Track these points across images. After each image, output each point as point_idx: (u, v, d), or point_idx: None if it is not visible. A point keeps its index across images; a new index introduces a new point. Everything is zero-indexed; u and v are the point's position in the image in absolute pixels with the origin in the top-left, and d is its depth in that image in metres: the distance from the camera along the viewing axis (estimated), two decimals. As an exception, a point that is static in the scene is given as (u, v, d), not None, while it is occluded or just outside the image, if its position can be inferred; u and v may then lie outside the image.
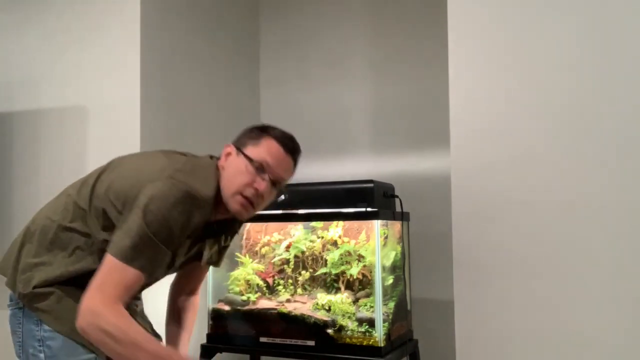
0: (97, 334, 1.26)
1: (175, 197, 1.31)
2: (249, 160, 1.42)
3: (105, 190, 1.39)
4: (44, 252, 1.41)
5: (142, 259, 1.28)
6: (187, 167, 1.42)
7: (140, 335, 1.31)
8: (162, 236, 1.30)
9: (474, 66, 1.77)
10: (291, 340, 2.07)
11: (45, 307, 1.38)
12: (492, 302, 1.70)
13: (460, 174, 1.76)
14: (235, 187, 1.41)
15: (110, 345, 1.27)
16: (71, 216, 1.42)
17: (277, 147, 1.45)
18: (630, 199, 1.57)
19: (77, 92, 2.34)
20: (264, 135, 1.46)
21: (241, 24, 2.88)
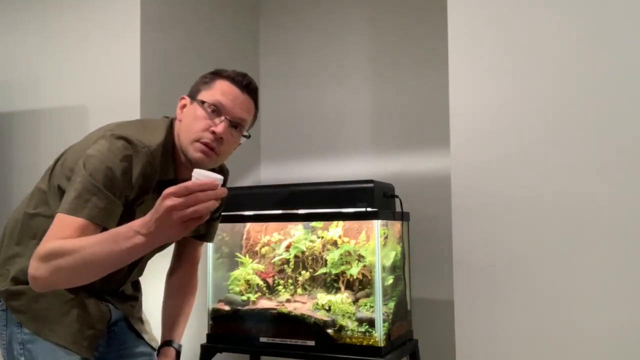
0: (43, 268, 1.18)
1: (112, 146, 1.29)
2: (204, 103, 1.36)
3: (61, 166, 1.40)
4: (17, 245, 1.40)
5: (88, 207, 1.22)
6: (131, 124, 1.41)
7: (85, 238, 1.20)
8: (104, 182, 1.25)
9: (474, 66, 1.77)
10: (291, 340, 2.07)
11: (20, 306, 1.37)
12: (492, 302, 1.70)
13: (460, 174, 1.76)
14: (193, 135, 1.35)
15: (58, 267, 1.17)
16: (35, 202, 1.41)
17: (230, 86, 1.40)
18: (631, 199, 1.57)
19: (77, 92, 2.34)
20: (216, 77, 1.41)
21: (241, 25, 2.88)
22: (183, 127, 1.39)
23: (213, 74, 1.44)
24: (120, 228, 1.17)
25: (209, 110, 1.36)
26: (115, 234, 1.17)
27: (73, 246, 1.17)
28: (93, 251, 1.16)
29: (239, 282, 2.25)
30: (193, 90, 1.43)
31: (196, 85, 1.44)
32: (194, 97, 1.41)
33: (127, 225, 1.16)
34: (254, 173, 2.88)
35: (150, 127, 1.40)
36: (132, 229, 1.14)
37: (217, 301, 2.26)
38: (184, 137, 1.37)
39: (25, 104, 2.42)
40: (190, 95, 1.43)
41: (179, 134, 1.40)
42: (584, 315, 1.60)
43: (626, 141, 1.58)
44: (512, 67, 1.72)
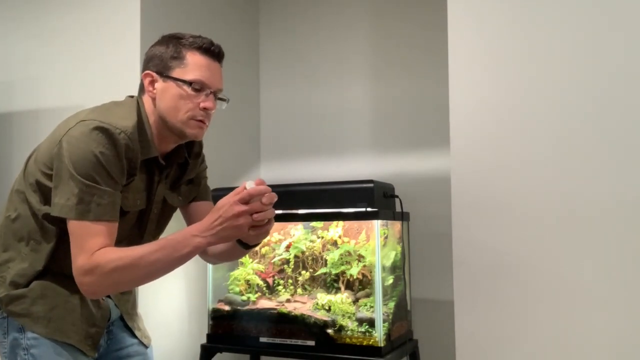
0: (103, 280, 1.26)
1: (89, 136, 1.28)
2: (185, 83, 1.36)
3: (34, 161, 1.38)
4: (5, 251, 1.39)
5: (92, 208, 1.26)
6: (102, 107, 1.39)
7: (141, 246, 1.30)
8: (96, 177, 1.27)
9: (474, 66, 1.77)
10: (291, 340, 2.07)
11: (22, 310, 1.35)
12: (492, 302, 1.70)
13: (460, 174, 1.76)
14: (184, 114, 1.37)
15: (125, 277, 1.27)
16: (15, 205, 1.40)
17: (203, 59, 1.40)
18: (631, 200, 1.57)
19: (77, 92, 2.34)
20: (184, 50, 1.39)
21: (241, 25, 2.88)
22: (166, 108, 1.38)
23: (176, 43, 1.40)
24: (177, 234, 1.28)
25: (193, 88, 1.37)
26: (172, 241, 1.27)
27: (133, 258, 1.26)
28: (154, 260, 1.26)
29: (239, 282, 2.25)
30: (161, 66, 1.39)
31: (161, 59, 1.39)
32: (166, 75, 1.38)
33: (185, 232, 1.28)
34: (254, 173, 2.88)
35: (118, 110, 1.37)
36: (190, 234, 1.27)
37: (217, 301, 2.26)
38: (173, 116, 1.38)
39: (25, 104, 2.42)
40: (158, 71, 1.39)
41: (160, 113, 1.39)
42: (584, 315, 1.60)
43: (627, 142, 1.58)
44: (512, 67, 1.72)
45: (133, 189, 1.38)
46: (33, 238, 1.36)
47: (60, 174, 1.29)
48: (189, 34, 1.42)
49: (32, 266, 1.36)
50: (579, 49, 1.65)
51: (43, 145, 1.40)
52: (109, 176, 1.29)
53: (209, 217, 1.27)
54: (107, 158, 1.28)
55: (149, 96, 1.40)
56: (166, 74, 1.38)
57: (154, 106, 1.40)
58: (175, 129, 1.40)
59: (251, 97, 2.92)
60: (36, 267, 1.35)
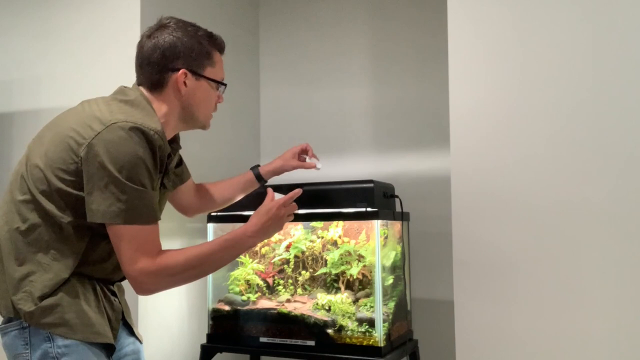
0: (169, 280, 1.34)
1: (128, 138, 1.26)
2: (217, 83, 1.49)
3: (44, 167, 1.30)
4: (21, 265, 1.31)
5: (142, 212, 1.28)
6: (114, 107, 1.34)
7: (199, 248, 1.37)
8: (141, 180, 1.27)
9: (474, 66, 1.77)
10: (291, 340, 2.07)
11: (56, 320, 1.30)
12: (492, 302, 1.70)
13: (460, 174, 1.76)
14: (210, 111, 1.51)
15: (187, 277, 1.36)
16: (23, 215, 1.32)
17: (221, 57, 1.53)
18: (631, 200, 1.57)
19: (76, 92, 2.34)
20: (213, 50, 1.48)
21: (241, 25, 2.88)
22: (196, 104, 1.45)
23: (210, 43, 1.48)
24: (232, 236, 1.41)
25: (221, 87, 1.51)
26: (231, 241, 1.40)
27: (198, 259, 1.35)
28: (215, 260, 1.39)
29: (239, 282, 2.25)
30: (195, 64, 1.43)
31: (194, 57, 1.42)
32: (198, 73, 1.43)
33: (240, 233, 1.42)
34: (254, 173, 2.88)
35: (141, 110, 1.35)
36: (247, 235, 1.43)
37: (217, 301, 2.26)
38: (202, 113, 1.48)
39: (25, 104, 2.42)
40: (191, 69, 1.41)
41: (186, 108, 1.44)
42: (584, 315, 1.60)
43: (627, 142, 1.58)
44: (512, 67, 1.72)
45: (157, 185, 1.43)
46: (53, 247, 1.30)
47: (94, 179, 1.25)
48: (202, 28, 1.49)
49: (57, 275, 1.30)
50: (579, 49, 1.65)
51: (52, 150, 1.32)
52: (151, 177, 1.30)
53: (258, 219, 1.45)
54: (149, 159, 1.29)
55: (173, 93, 1.41)
56: (200, 73, 1.44)
57: (172, 105, 1.42)
58: (197, 123, 1.50)
59: (251, 97, 2.92)
60: (62, 275, 1.30)
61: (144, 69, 1.42)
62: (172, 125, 1.44)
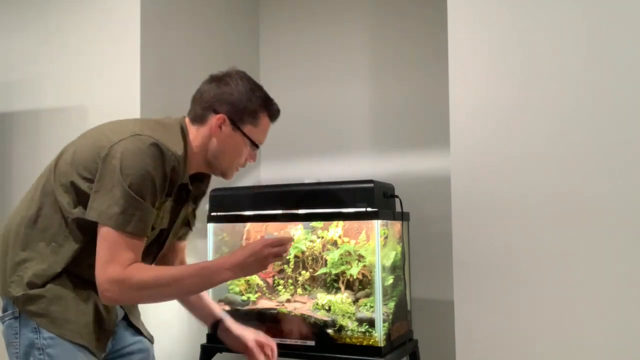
0: (132, 293, 1.31)
1: (146, 152, 1.31)
2: (252, 143, 1.49)
3: (70, 163, 1.37)
4: (23, 250, 1.38)
5: (134, 221, 1.29)
6: (151, 124, 1.41)
7: (174, 269, 1.38)
8: (144, 192, 1.30)
9: (473, 66, 1.77)
10: (291, 340, 2.07)
11: (39, 310, 1.35)
12: (492, 302, 1.70)
13: (460, 174, 1.76)
14: (235, 163, 1.51)
15: (151, 294, 1.34)
16: (39, 204, 1.39)
17: (269, 124, 1.53)
18: (631, 199, 1.57)
19: (77, 92, 2.34)
20: (263, 114, 1.49)
21: (242, 25, 2.88)
22: (222, 151, 1.47)
23: (262, 105, 1.49)
24: (210, 264, 1.40)
25: (255, 148, 1.52)
26: (207, 269, 1.37)
27: (168, 279, 1.33)
28: (187, 285, 1.35)
29: (239, 282, 2.25)
30: (236, 116, 1.46)
31: (239, 110, 1.46)
32: (237, 125, 1.46)
33: (218, 263, 1.38)
34: (254, 173, 2.88)
35: (169, 133, 1.41)
36: (223, 267, 1.37)
37: (217, 301, 2.26)
38: (224, 161, 1.49)
39: (25, 104, 2.42)
40: (231, 118, 1.45)
41: (211, 150, 1.47)
42: (584, 315, 1.60)
43: (627, 140, 1.58)
44: (512, 67, 1.72)
45: (164, 209, 1.43)
46: (55, 240, 1.36)
47: (104, 180, 1.30)
48: (264, 90, 1.50)
49: (50, 267, 1.36)
50: (580, 48, 1.65)
51: (81, 148, 1.39)
52: (154, 194, 1.33)
53: (240, 253, 1.38)
54: (158, 176, 1.32)
55: (209, 133, 1.46)
56: (239, 126, 1.46)
57: (204, 140, 1.46)
58: (216, 169, 1.51)
59: (251, 97, 2.91)
60: (55, 269, 1.36)
61: (195, 101, 1.50)
62: (198, 160, 1.48)
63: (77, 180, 1.35)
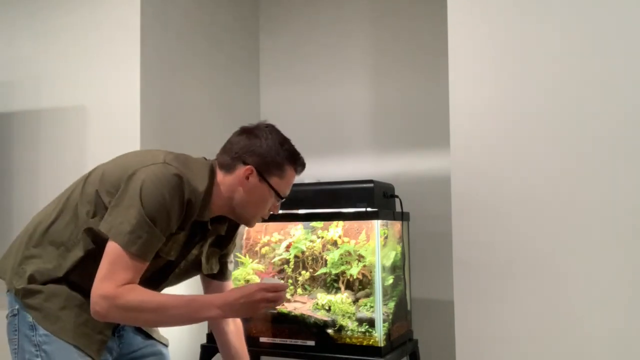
0: (118, 313, 1.32)
1: (168, 180, 1.35)
2: (276, 194, 1.50)
3: (101, 176, 1.43)
4: (35, 247, 1.44)
5: (139, 243, 1.32)
6: (181, 158, 1.46)
7: (163, 297, 1.37)
8: (157, 218, 1.33)
9: (474, 66, 1.77)
10: (291, 340, 2.07)
11: (35, 304, 1.40)
12: (492, 302, 1.70)
13: (460, 174, 1.76)
14: (259, 213, 1.53)
15: (137, 317, 1.35)
16: (57, 213, 1.45)
17: (294, 177, 1.55)
18: (631, 199, 1.57)
19: (77, 92, 2.34)
20: (289, 167, 1.51)
21: (241, 25, 2.88)
22: (248, 201, 1.49)
23: (289, 159, 1.51)
24: (200, 298, 1.40)
25: (279, 200, 1.52)
26: (195, 303, 1.36)
27: (155, 306, 1.33)
28: (173, 314, 1.35)
29: (239, 282, 2.25)
30: (263, 167, 1.48)
31: (267, 163, 1.48)
32: (264, 177, 1.48)
33: (208, 300, 1.39)
34: (254, 173, 2.88)
35: (196, 169, 1.45)
36: (214, 304, 1.36)
37: (217, 301, 2.25)
38: (248, 210, 1.50)
39: (25, 104, 2.42)
40: (259, 170, 1.48)
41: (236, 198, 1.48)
42: (584, 315, 1.60)
43: (626, 142, 1.58)
44: (512, 67, 1.72)
45: (174, 240, 1.44)
46: (65, 245, 1.41)
47: (123, 197, 1.35)
48: (291, 144, 1.53)
49: (54, 270, 1.40)
50: (580, 48, 1.65)
51: (113, 166, 1.46)
52: (167, 222, 1.36)
53: (232, 293, 1.38)
54: (173, 206, 1.35)
55: (237, 182, 1.48)
56: (265, 178, 1.48)
57: (231, 188, 1.48)
58: (241, 217, 1.53)
59: (251, 97, 2.92)
60: (57, 273, 1.40)
61: (225, 149, 1.53)
62: (221, 204, 1.49)
63: (102, 193, 1.40)
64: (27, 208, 1.70)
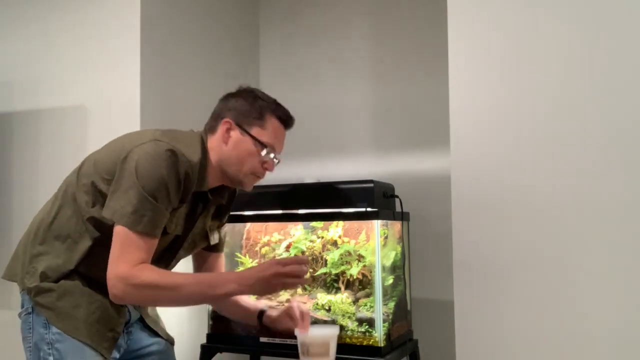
0: (135, 293, 1.33)
1: (161, 156, 1.36)
2: (260, 144, 1.48)
3: (93, 165, 1.45)
4: (41, 244, 1.45)
5: (144, 221, 1.33)
6: (170, 133, 1.47)
7: (177, 275, 1.39)
8: (157, 195, 1.34)
9: (474, 66, 1.77)
10: (291, 340, 2.07)
11: (48, 303, 1.41)
12: (492, 302, 1.70)
13: (460, 174, 1.76)
14: (249, 168, 1.50)
15: (153, 296, 1.36)
16: (57, 207, 1.46)
17: (281, 128, 1.54)
18: (631, 198, 1.57)
19: (77, 92, 2.34)
20: (270, 116, 1.51)
21: (242, 25, 2.88)
22: (234, 157, 1.49)
23: (263, 106, 1.51)
24: (215, 275, 1.45)
25: (265, 150, 1.50)
26: (212, 279, 1.40)
27: (171, 284, 1.35)
28: (189, 292, 1.36)
29: (239, 282, 2.25)
30: (242, 120, 1.49)
31: (244, 113, 1.49)
32: (244, 129, 1.48)
33: (224, 276, 1.44)
34: (254, 173, 2.88)
35: (187, 141, 1.46)
36: (229, 279, 1.39)
37: (217, 301, 2.26)
38: (236, 167, 1.50)
39: (25, 104, 2.42)
40: (238, 123, 1.48)
41: (224, 158, 1.49)
42: (584, 315, 1.60)
43: (627, 140, 1.58)
44: (512, 67, 1.72)
45: (177, 215, 1.46)
46: (71, 237, 1.42)
47: (121, 181, 1.36)
48: (271, 98, 1.54)
49: (64, 264, 1.42)
50: (581, 48, 1.65)
51: (104, 153, 1.47)
52: (167, 197, 1.37)
53: (248, 269, 1.43)
54: (171, 180, 1.37)
55: (221, 140, 1.49)
56: (245, 129, 1.49)
57: (217, 149, 1.50)
58: (233, 177, 1.52)
59: (251, 97, 2.91)
60: (68, 266, 1.42)
61: (211, 116, 1.56)
62: (216, 170, 1.50)
63: (98, 181, 1.41)
64: (27, 208, 1.70)
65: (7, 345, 2.01)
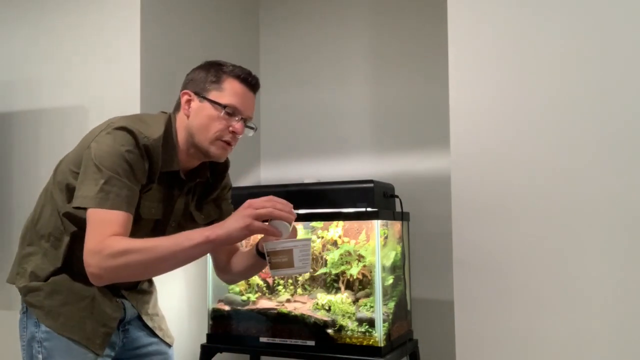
0: (110, 264, 1.25)
1: (115, 136, 1.35)
2: (219, 106, 1.43)
3: (66, 162, 1.46)
4: (29, 245, 1.47)
5: (111, 198, 1.30)
6: (132, 117, 1.45)
7: (150, 239, 1.30)
8: (118, 169, 1.32)
9: (473, 66, 1.77)
10: (291, 340, 2.07)
11: (36, 302, 1.42)
12: (492, 302, 1.70)
13: (460, 174, 1.76)
14: (213, 134, 1.44)
15: (128, 263, 1.25)
16: (42, 203, 1.48)
17: (241, 87, 1.47)
18: (631, 197, 1.57)
19: (77, 92, 2.34)
20: (224, 76, 1.46)
21: (242, 25, 2.88)
22: (197, 126, 1.45)
23: (217, 69, 1.47)
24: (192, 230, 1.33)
25: (227, 112, 1.44)
26: (188, 233, 1.30)
27: (144, 245, 1.27)
28: (166, 250, 1.27)
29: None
30: (199, 87, 1.46)
31: (201, 81, 1.47)
32: (202, 96, 1.45)
33: (195, 229, 1.32)
34: (254, 173, 2.88)
35: (149, 121, 1.44)
36: (204, 229, 1.31)
37: (217, 301, 2.26)
38: (201, 135, 1.45)
39: (25, 104, 2.42)
40: (196, 92, 1.46)
41: (190, 130, 1.46)
42: (584, 315, 1.60)
43: (627, 141, 1.58)
44: (512, 67, 1.72)
45: (150, 197, 1.43)
46: (54, 235, 1.43)
47: (85, 170, 1.35)
48: (229, 63, 1.49)
49: (51, 262, 1.43)
50: (582, 48, 1.65)
51: (75, 149, 1.47)
52: (131, 172, 1.34)
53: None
54: (132, 156, 1.34)
55: (183, 113, 1.47)
56: (203, 95, 1.45)
57: (183, 123, 1.47)
58: (201, 147, 1.46)
59: (251, 97, 2.91)
60: (55, 264, 1.42)
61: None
62: (187, 147, 1.47)
63: (69, 178, 1.41)
64: (27, 208, 1.70)
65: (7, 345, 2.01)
